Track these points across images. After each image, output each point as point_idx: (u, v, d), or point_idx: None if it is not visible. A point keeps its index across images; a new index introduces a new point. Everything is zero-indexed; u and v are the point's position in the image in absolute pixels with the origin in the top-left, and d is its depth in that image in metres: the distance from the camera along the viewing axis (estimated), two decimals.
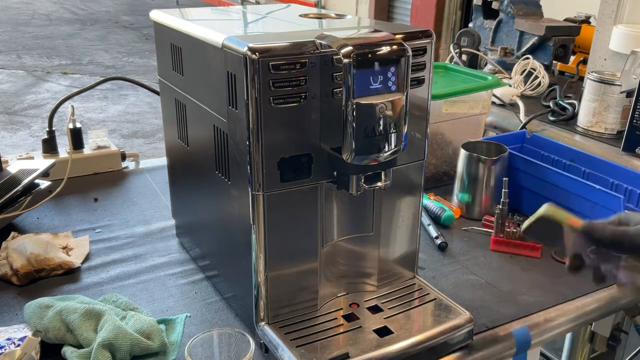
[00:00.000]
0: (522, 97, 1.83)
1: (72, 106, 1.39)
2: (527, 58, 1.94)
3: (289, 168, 0.77)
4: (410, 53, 0.73)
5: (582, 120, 1.63)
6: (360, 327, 0.83)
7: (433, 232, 1.16)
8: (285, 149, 0.76)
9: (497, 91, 1.73)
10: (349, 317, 0.86)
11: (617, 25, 1.81)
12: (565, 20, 2.33)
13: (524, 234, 0.83)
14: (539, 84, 1.93)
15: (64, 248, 1.08)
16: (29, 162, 1.30)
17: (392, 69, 0.72)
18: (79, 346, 0.81)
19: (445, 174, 1.41)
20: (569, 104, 1.73)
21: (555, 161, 1.33)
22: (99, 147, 1.45)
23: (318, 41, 0.73)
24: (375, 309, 0.88)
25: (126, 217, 1.24)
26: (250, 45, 0.70)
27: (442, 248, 1.12)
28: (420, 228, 0.95)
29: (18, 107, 5.29)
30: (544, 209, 0.75)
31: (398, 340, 0.80)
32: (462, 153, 1.25)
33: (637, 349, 1.86)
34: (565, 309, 0.96)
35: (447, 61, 1.99)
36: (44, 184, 1.21)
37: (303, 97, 0.74)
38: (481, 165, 1.22)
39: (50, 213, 1.24)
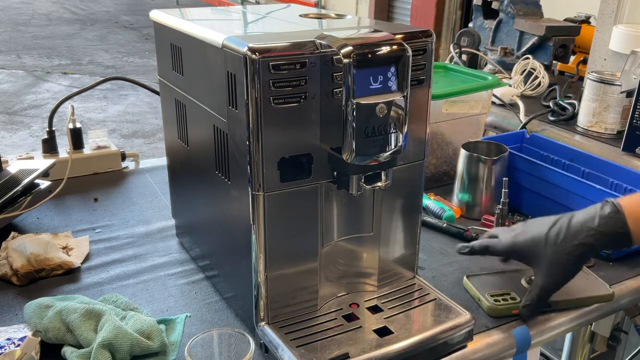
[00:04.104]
0: (522, 97, 1.83)
1: (72, 106, 1.39)
2: (527, 58, 1.94)
3: (289, 168, 0.77)
4: (410, 53, 0.73)
5: (582, 120, 1.63)
6: (360, 327, 0.83)
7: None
8: (285, 149, 0.76)
9: (497, 91, 1.73)
10: (349, 317, 0.86)
11: (617, 25, 1.81)
12: (565, 20, 2.33)
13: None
14: (539, 84, 1.93)
15: (64, 248, 1.08)
16: (29, 162, 1.30)
17: (392, 69, 0.72)
18: (79, 346, 0.81)
19: (445, 174, 1.41)
20: (569, 104, 1.73)
21: (554, 161, 1.33)
22: (99, 147, 1.45)
23: (318, 41, 0.73)
24: (375, 309, 0.88)
25: (126, 217, 1.24)
26: (250, 45, 0.70)
27: (470, 240, 1.12)
28: (421, 228, 0.95)
29: (18, 107, 5.29)
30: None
31: (398, 340, 0.80)
32: (462, 153, 1.25)
33: (637, 349, 1.87)
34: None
35: (447, 61, 1.99)
36: (44, 184, 1.21)
37: (303, 97, 0.74)
38: (481, 165, 1.22)
39: (50, 213, 1.24)
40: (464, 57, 2.08)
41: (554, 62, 2.11)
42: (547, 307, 0.94)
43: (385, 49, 0.71)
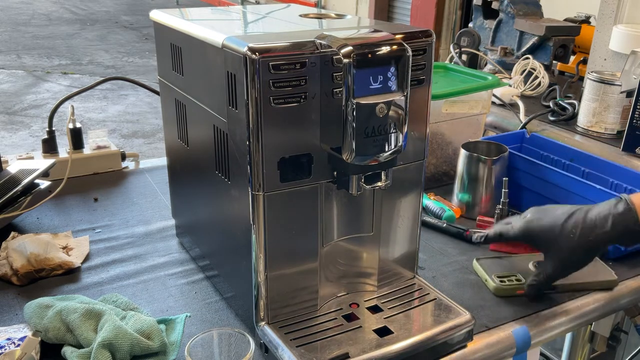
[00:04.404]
0: (522, 97, 1.83)
1: (72, 106, 1.39)
2: (527, 58, 1.94)
3: (289, 168, 0.77)
4: (410, 53, 0.73)
5: (582, 120, 1.63)
6: (360, 327, 0.83)
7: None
8: (285, 149, 0.76)
9: (497, 91, 1.73)
10: (349, 317, 0.85)
11: (617, 25, 1.81)
12: (565, 20, 2.33)
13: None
14: (539, 84, 1.93)
15: (64, 248, 1.08)
16: (29, 162, 1.30)
17: (392, 69, 0.72)
18: (79, 346, 0.81)
19: (445, 174, 1.41)
20: (569, 104, 1.73)
21: (554, 161, 1.33)
22: (99, 147, 1.45)
23: (318, 41, 0.73)
24: (375, 309, 0.88)
25: (126, 217, 1.24)
26: (250, 45, 0.70)
27: (470, 240, 1.15)
28: (421, 228, 0.95)
29: (18, 107, 5.29)
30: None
31: (398, 340, 0.80)
32: (462, 153, 1.25)
33: (637, 349, 1.87)
34: (565, 309, 0.96)
35: (447, 61, 1.99)
36: (44, 184, 1.21)
37: (303, 97, 0.74)
38: (481, 165, 1.22)
39: (50, 213, 1.24)
40: (464, 57, 2.08)
41: (554, 62, 2.11)
42: (551, 289, 0.97)
43: (385, 49, 0.71)
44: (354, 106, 0.70)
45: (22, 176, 1.19)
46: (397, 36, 0.76)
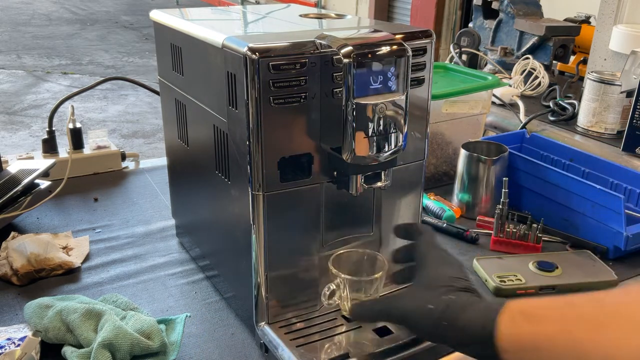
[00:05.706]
0: (522, 97, 1.83)
1: (72, 106, 1.39)
2: (527, 58, 1.94)
3: (289, 168, 0.77)
4: (410, 53, 0.73)
5: (582, 120, 1.63)
6: (360, 327, 0.83)
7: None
8: (285, 149, 0.76)
9: (497, 91, 1.73)
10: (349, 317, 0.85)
11: (617, 25, 1.81)
12: (565, 20, 2.33)
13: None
14: (539, 84, 1.93)
15: (64, 248, 1.08)
16: (29, 162, 1.30)
17: (392, 69, 0.72)
18: (79, 346, 0.81)
19: (445, 174, 1.41)
20: (569, 104, 1.73)
21: (554, 161, 1.33)
22: (99, 147, 1.45)
23: (318, 41, 0.73)
24: None
25: (126, 217, 1.24)
26: (250, 45, 0.70)
27: (475, 241, 1.15)
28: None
29: (18, 107, 5.29)
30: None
31: (398, 340, 0.80)
32: (462, 153, 1.25)
33: None
34: None
35: (447, 61, 1.99)
36: (44, 184, 1.21)
37: (303, 97, 0.74)
38: (481, 165, 1.22)
39: (50, 213, 1.24)
40: (464, 57, 2.08)
41: (554, 62, 2.11)
42: (551, 289, 0.97)
43: (385, 49, 0.71)
44: (354, 106, 0.70)
45: (22, 176, 1.19)
46: (397, 36, 0.76)
